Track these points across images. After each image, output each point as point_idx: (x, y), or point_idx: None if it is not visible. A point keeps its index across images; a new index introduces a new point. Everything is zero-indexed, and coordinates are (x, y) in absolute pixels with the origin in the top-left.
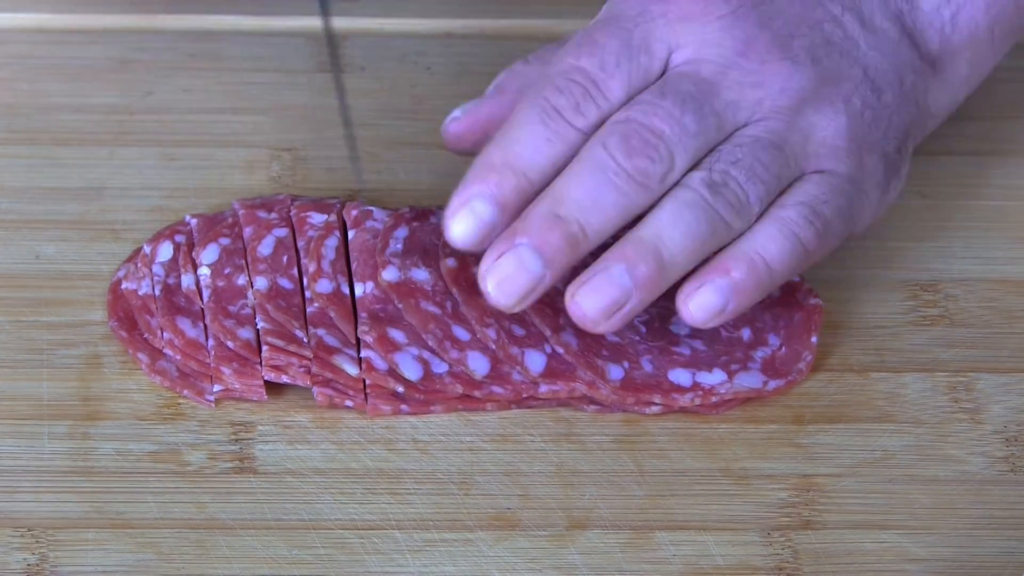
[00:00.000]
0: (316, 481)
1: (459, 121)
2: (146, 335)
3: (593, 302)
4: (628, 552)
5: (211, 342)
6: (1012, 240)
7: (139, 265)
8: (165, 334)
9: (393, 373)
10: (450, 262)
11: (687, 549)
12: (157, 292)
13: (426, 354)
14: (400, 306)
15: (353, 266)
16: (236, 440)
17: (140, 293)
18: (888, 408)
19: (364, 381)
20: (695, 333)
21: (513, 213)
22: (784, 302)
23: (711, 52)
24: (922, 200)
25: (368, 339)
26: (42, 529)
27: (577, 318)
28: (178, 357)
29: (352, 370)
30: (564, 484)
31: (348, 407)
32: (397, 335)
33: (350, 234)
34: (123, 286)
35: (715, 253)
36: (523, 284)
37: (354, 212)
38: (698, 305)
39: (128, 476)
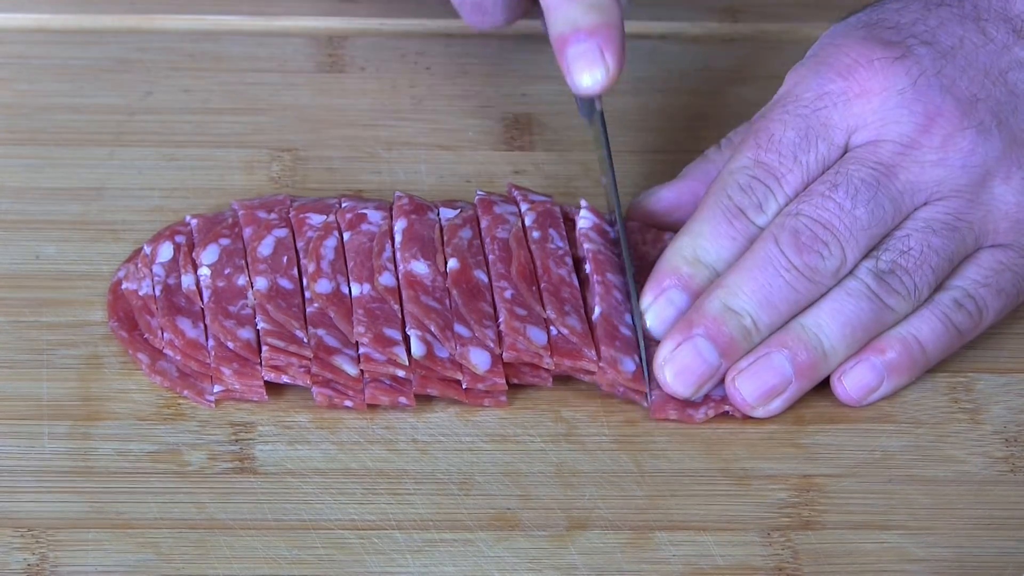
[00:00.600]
0: (316, 481)
1: (656, 204)
2: (146, 335)
3: (753, 388)
4: (628, 552)
5: (211, 342)
6: None
7: (139, 265)
8: (165, 334)
9: (392, 362)
10: (452, 263)
11: (687, 549)
12: (157, 292)
13: (429, 336)
14: (396, 307)
15: (349, 267)
16: (236, 440)
17: (140, 293)
18: (888, 408)
19: (363, 381)
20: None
21: (694, 300)
22: None
23: (891, 131)
24: None
25: (364, 340)
26: (42, 529)
27: (736, 402)
28: (178, 357)
29: (351, 370)
30: (564, 484)
31: (348, 407)
32: (393, 334)
33: (346, 236)
34: (123, 286)
35: None
36: (701, 374)
37: (348, 215)
38: (853, 382)
39: (128, 476)
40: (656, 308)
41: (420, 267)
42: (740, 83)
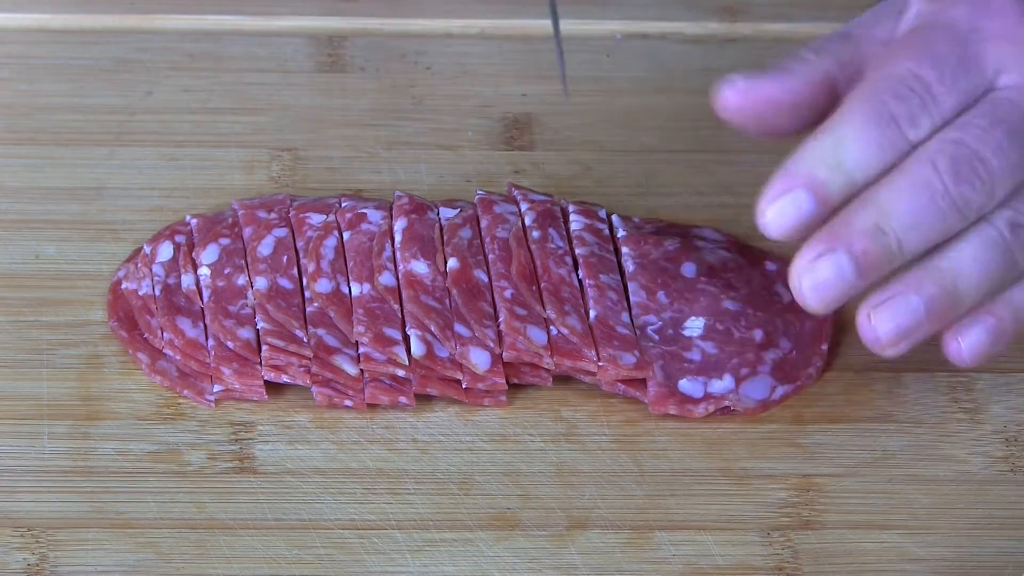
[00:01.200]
0: (316, 481)
1: (740, 92)
2: (146, 335)
3: (888, 326)
4: (628, 552)
5: (211, 342)
6: None
7: (139, 265)
8: (165, 334)
9: (392, 361)
10: (452, 263)
11: (687, 549)
12: (157, 292)
13: (429, 336)
14: (396, 307)
15: (349, 267)
16: (236, 440)
17: (140, 293)
18: (888, 408)
19: (363, 380)
20: (706, 335)
21: (832, 211)
22: (796, 308)
23: None
24: None
25: (364, 340)
26: (42, 529)
27: (868, 339)
28: (178, 357)
29: (351, 370)
30: (564, 484)
31: (347, 407)
32: (393, 334)
33: (345, 235)
34: (123, 286)
35: None
36: (838, 291)
37: (348, 215)
38: (970, 344)
39: (128, 476)
40: (779, 207)
41: (420, 267)
42: None
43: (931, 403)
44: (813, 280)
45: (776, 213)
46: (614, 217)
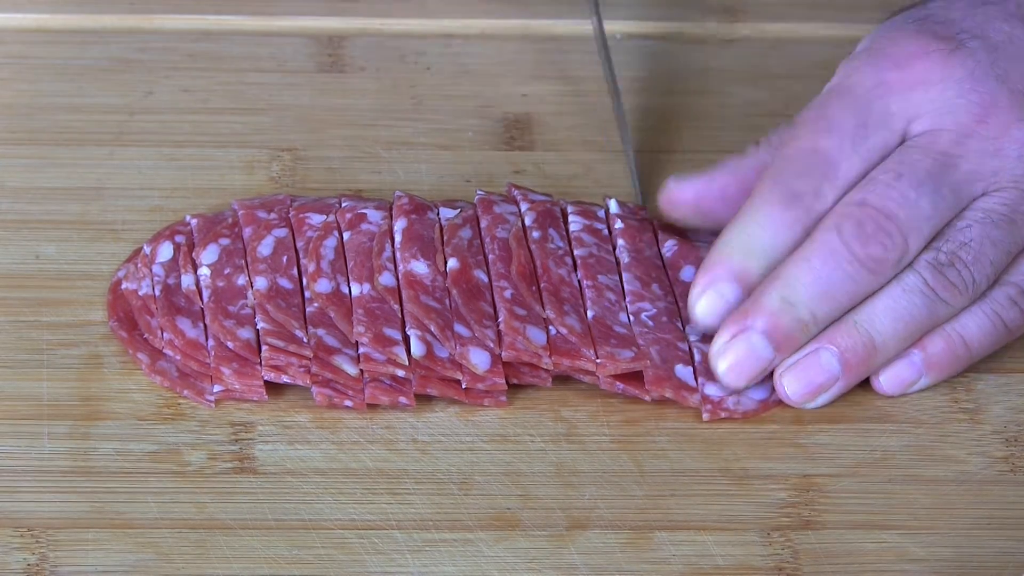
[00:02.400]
0: (316, 481)
1: (683, 191)
2: (146, 335)
3: (799, 385)
4: (628, 552)
5: (211, 342)
6: None
7: (139, 265)
8: (165, 334)
9: (392, 361)
10: (452, 263)
11: (687, 549)
12: (157, 292)
13: (429, 336)
14: (396, 307)
15: (349, 267)
16: (236, 440)
17: (140, 293)
18: (888, 408)
19: (363, 380)
20: (705, 337)
21: (751, 292)
22: None
23: (949, 121)
24: None
25: (364, 340)
26: (42, 529)
27: (782, 396)
28: (178, 357)
29: (351, 370)
30: (564, 484)
31: (348, 407)
32: (393, 334)
33: (345, 236)
34: (123, 286)
35: None
36: (754, 368)
37: (348, 215)
38: (890, 378)
39: (128, 476)
40: (706, 300)
41: (420, 267)
42: (740, 83)
43: (931, 403)
44: (729, 361)
45: (705, 306)
46: (612, 202)
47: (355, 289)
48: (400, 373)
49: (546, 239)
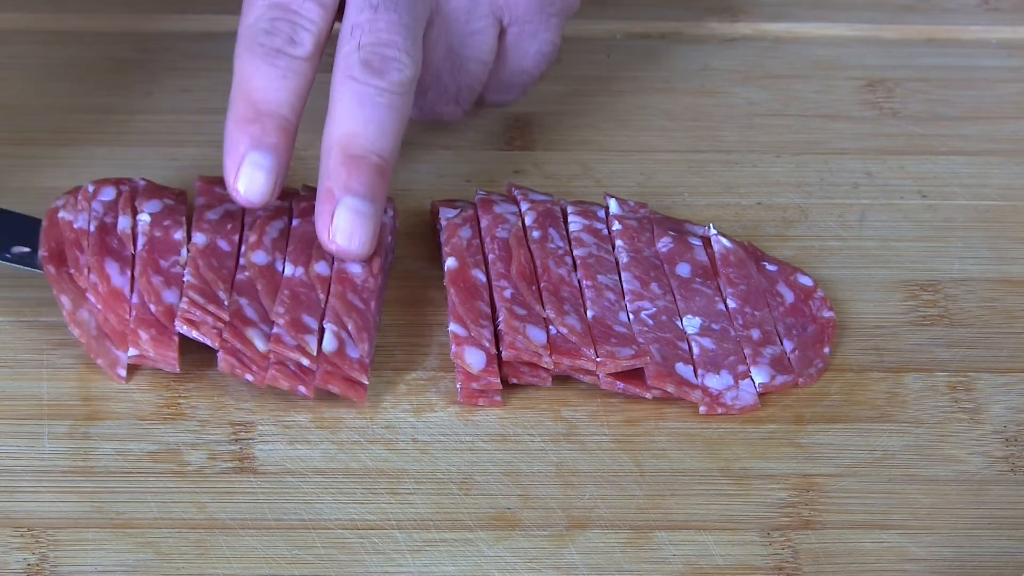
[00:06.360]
0: (316, 481)
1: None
2: (72, 271)
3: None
4: (628, 552)
5: (135, 298)
6: (1012, 240)
7: (79, 198)
8: (91, 276)
9: (300, 349)
10: (450, 263)
11: (687, 549)
12: (92, 228)
13: (344, 334)
14: (322, 297)
15: (289, 249)
16: (236, 440)
17: (75, 226)
18: (888, 408)
19: (269, 360)
20: (704, 331)
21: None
22: (796, 311)
23: None
24: (922, 200)
25: (280, 321)
26: (42, 529)
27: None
28: (99, 307)
29: (261, 346)
30: (564, 484)
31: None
32: (310, 322)
33: (294, 223)
34: (60, 215)
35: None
36: (365, 227)
37: (303, 204)
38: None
39: (128, 476)
40: (244, 178)
41: (355, 267)
42: (740, 83)
43: (931, 403)
44: (343, 236)
45: (248, 184)
46: (612, 201)
47: (288, 269)
48: (305, 362)
49: (546, 239)
